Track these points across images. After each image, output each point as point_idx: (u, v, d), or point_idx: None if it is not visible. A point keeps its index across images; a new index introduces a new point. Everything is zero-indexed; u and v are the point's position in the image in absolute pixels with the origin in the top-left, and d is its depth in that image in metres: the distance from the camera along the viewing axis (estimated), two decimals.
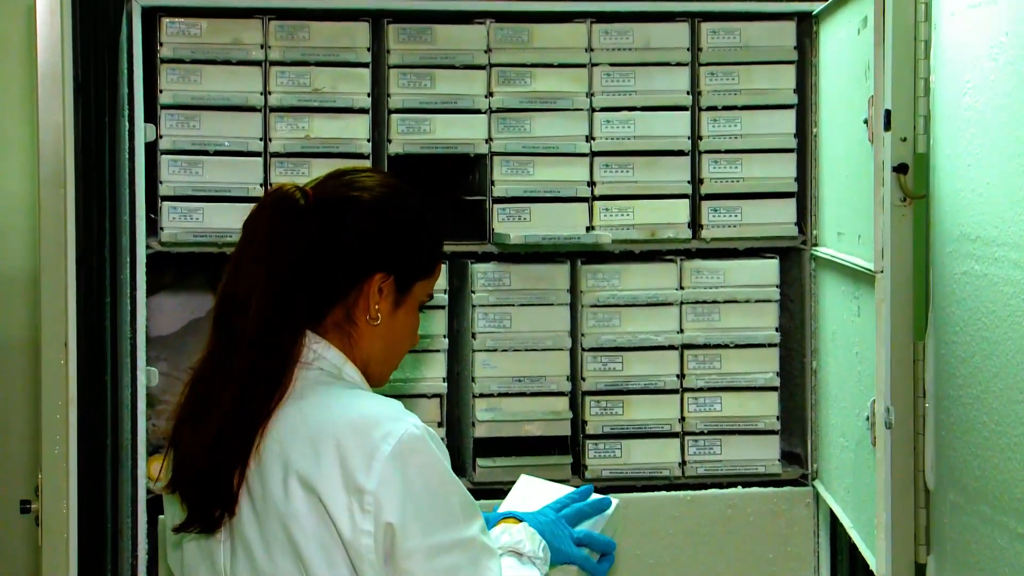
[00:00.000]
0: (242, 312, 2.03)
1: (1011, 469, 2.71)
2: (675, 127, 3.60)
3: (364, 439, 1.98)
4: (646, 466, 3.61)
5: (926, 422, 3.08)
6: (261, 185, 3.46)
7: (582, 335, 3.59)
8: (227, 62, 3.47)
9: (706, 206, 3.62)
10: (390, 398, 2.08)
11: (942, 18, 2.97)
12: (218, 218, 3.44)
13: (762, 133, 3.62)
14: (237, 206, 3.42)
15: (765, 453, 3.64)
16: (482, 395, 3.56)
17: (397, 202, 2.13)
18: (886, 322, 3.01)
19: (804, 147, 3.63)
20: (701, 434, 3.62)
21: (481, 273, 3.56)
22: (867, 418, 3.09)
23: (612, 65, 3.58)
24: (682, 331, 3.62)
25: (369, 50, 3.52)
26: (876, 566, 3.07)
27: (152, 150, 3.40)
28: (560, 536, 2.31)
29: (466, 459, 3.60)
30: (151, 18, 3.41)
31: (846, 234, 3.33)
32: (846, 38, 3.28)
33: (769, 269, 3.65)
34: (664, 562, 3.60)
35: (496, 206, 3.56)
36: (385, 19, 3.53)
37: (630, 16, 3.58)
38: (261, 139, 3.47)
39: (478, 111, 3.55)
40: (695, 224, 3.62)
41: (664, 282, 3.61)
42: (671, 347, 3.61)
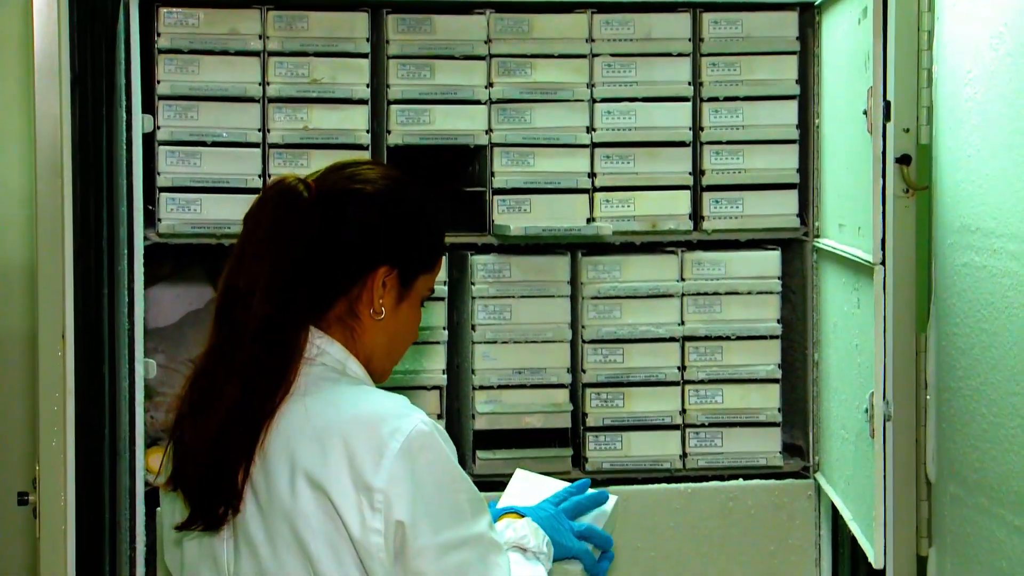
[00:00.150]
0: (245, 307, 2.02)
1: (1009, 461, 2.71)
2: (676, 118, 3.59)
3: (372, 436, 1.97)
4: (647, 458, 3.60)
5: (928, 414, 3.08)
6: (260, 176, 3.45)
7: (582, 327, 3.59)
8: (225, 52, 3.46)
9: (707, 197, 3.61)
10: (395, 393, 2.07)
11: (944, 8, 2.97)
12: (216, 209, 3.42)
13: (764, 124, 3.60)
14: (235, 197, 3.42)
15: (766, 445, 3.63)
16: (482, 387, 3.56)
17: (400, 195, 2.12)
18: (884, 314, 3.00)
19: (806, 138, 3.62)
20: (702, 426, 3.61)
21: (481, 265, 3.55)
22: (866, 410, 3.09)
23: (613, 56, 3.57)
24: (683, 323, 3.61)
25: (368, 40, 3.51)
26: (874, 558, 3.06)
27: (150, 141, 3.38)
28: (560, 530, 2.30)
29: (466, 451, 3.60)
30: (148, 8, 3.39)
31: (847, 226, 3.32)
32: (847, 28, 3.27)
33: (771, 261, 3.64)
34: (665, 555, 3.59)
35: (496, 197, 3.54)
36: (384, 9, 3.52)
37: (631, 6, 3.56)
38: (259, 130, 3.46)
39: (478, 102, 3.54)
40: (696, 215, 3.61)
41: (665, 274, 3.60)
42: (672, 339, 3.61)
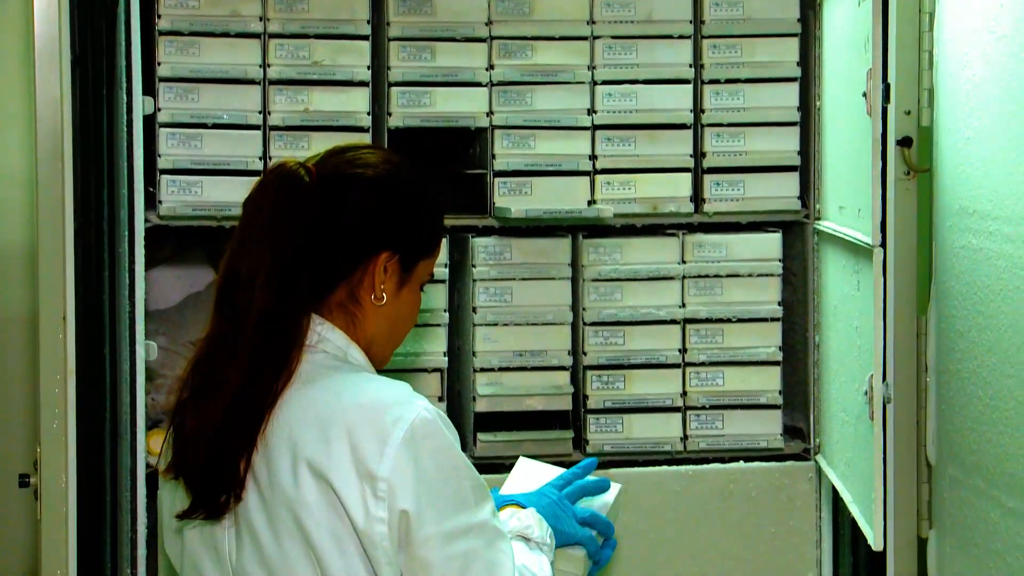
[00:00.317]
0: (246, 294, 2.01)
1: (1003, 443, 2.71)
2: (677, 100, 3.58)
3: (375, 425, 1.97)
4: (648, 441, 3.60)
5: (928, 396, 3.08)
6: (260, 158, 3.44)
7: (583, 309, 3.58)
8: (226, 34, 3.44)
9: (708, 180, 3.60)
10: (398, 380, 2.06)
11: None
12: (217, 191, 3.42)
13: (765, 106, 3.60)
14: (236, 179, 3.41)
15: (767, 428, 3.63)
16: (483, 369, 3.55)
17: (401, 179, 2.12)
18: (882, 297, 3.00)
19: (807, 120, 3.61)
20: (703, 408, 3.61)
21: (482, 247, 3.55)
22: (865, 393, 3.08)
23: (614, 37, 3.56)
24: (684, 305, 3.61)
25: (369, 22, 3.50)
26: (874, 541, 3.06)
27: (150, 123, 3.37)
28: (563, 517, 2.30)
29: (467, 434, 3.59)
30: None
31: (847, 208, 3.32)
32: (848, 10, 3.26)
33: (772, 243, 3.63)
34: (665, 537, 3.59)
35: (497, 180, 3.54)
36: None
37: None
38: (260, 112, 3.45)
39: (479, 84, 3.53)
40: (697, 198, 3.61)
41: (666, 256, 3.60)
42: (673, 321, 3.60)
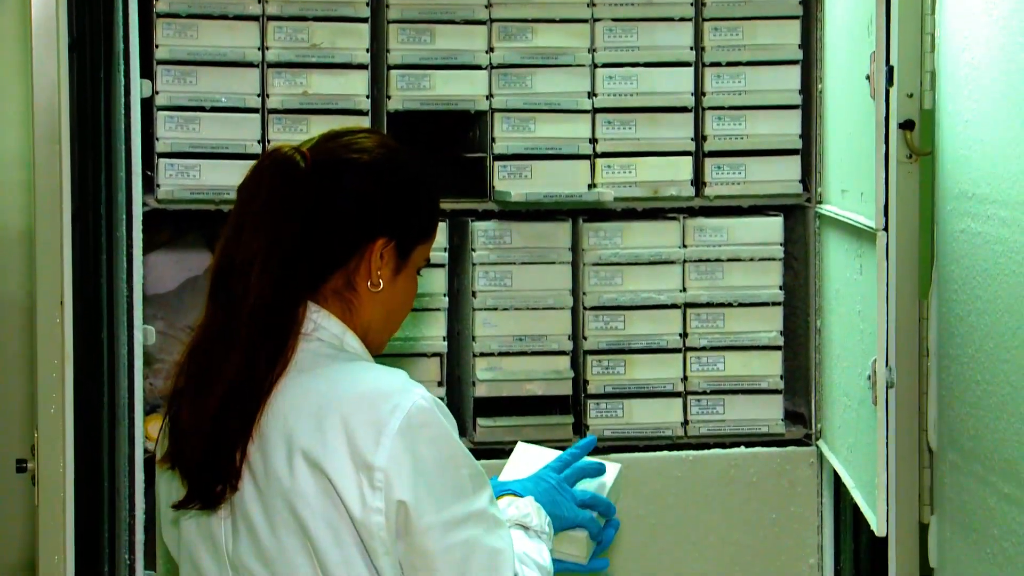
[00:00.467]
0: (242, 281, 1.99)
1: (1000, 429, 2.71)
2: (678, 83, 3.57)
3: (371, 413, 1.95)
4: (648, 426, 3.60)
5: (929, 381, 3.07)
6: (259, 142, 3.44)
7: (584, 294, 3.58)
8: (224, 17, 3.43)
9: (709, 163, 3.60)
10: (395, 368, 2.04)
11: None
12: (215, 175, 3.41)
13: (766, 89, 3.59)
14: (234, 163, 3.40)
15: (768, 413, 3.62)
16: (482, 354, 3.54)
17: (397, 164, 2.10)
18: (885, 281, 2.99)
19: (809, 103, 3.60)
20: (704, 393, 3.61)
21: (481, 231, 3.54)
22: (868, 377, 3.07)
23: (614, 20, 3.55)
24: (685, 290, 3.60)
25: (368, 5, 3.48)
26: (877, 527, 3.05)
27: (148, 106, 3.36)
28: (562, 502, 2.28)
29: (466, 419, 3.58)
30: None
31: (849, 191, 3.30)
32: None
33: (773, 227, 3.63)
34: (666, 523, 3.59)
35: (497, 163, 3.53)
36: None
37: None
38: (259, 95, 3.44)
39: (478, 67, 3.52)
40: (698, 181, 3.60)
41: (667, 240, 3.59)
42: (674, 306, 3.59)
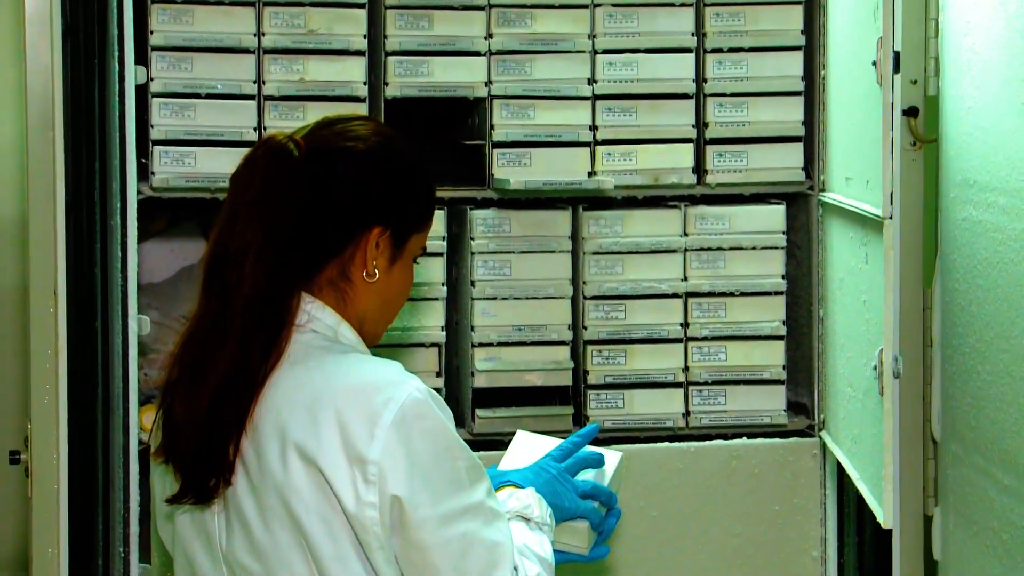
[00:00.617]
0: (236, 271, 1.97)
1: (1000, 419, 2.70)
2: (679, 69, 3.56)
3: (365, 406, 1.93)
4: (649, 417, 3.58)
5: (933, 371, 3.06)
6: (255, 129, 3.43)
7: (584, 283, 3.56)
8: (219, 2, 3.42)
9: (711, 151, 3.58)
10: (390, 359, 2.02)
11: None
12: (211, 163, 3.39)
13: (769, 75, 3.58)
14: (230, 150, 3.38)
15: (771, 403, 3.61)
16: (481, 344, 3.53)
17: (392, 152, 2.07)
18: (894, 270, 2.97)
19: (812, 90, 3.59)
20: (705, 384, 3.59)
21: (480, 219, 3.52)
22: (875, 367, 3.05)
23: (615, 6, 3.54)
24: (686, 279, 3.59)
25: None
26: (883, 519, 3.04)
27: (143, 93, 3.35)
28: (563, 493, 2.27)
29: (465, 410, 3.57)
30: None
31: (854, 179, 3.29)
32: None
33: (775, 215, 3.61)
34: (667, 515, 3.58)
35: (496, 151, 3.52)
36: None
37: None
38: (255, 82, 3.44)
39: (477, 53, 3.50)
40: (699, 169, 3.59)
41: (668, 228, 3.58)
42: (675, 295, 3.58)
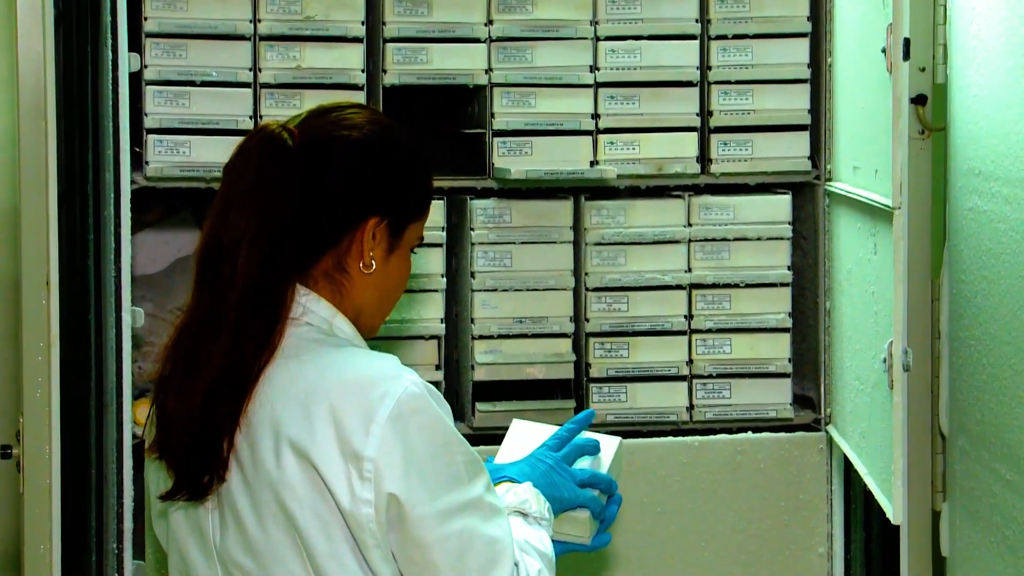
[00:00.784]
0: (230, 263, 1.96)
1: (1004, 413, 2.69)
2: (683, 57, 3.54)
3: (360, 401, 1.91)
4: (652, 410, 3.57)
5: (941, 364, 3.05)
6: (251, 117, 3.41)
7: (586, 274, 3.55)
8: None
9: (715, 139, 3.57)
10: (386, 353, 2.00)
11: None
12: (206, 151, 3.37)
13: (774, 63, 3.56)
14: (226, 139, 3.36)
15: (776, 397, 3.59)
16: (482, 337, 3.51)
17: (388, 141, 2.05)
18: (904, 261, 2.95)
19: (818, 77, 3.57)
20: (710, 377, 3.58)
21: (480, 209, 3.50)
22: (884, 360, 3.04)
23: None
24: (690, 270, 3.57)
25: None
26: (892, 514, 3.02)
27: (136, 80, 3.33)
28: (561, 484, 2.25)
29: (465, 403, 3.56)
30: None
31: (862, 168, 3.27)
32: None
33: (781, 205, 3.59)
34: (671, 510, 3.56)
35: (496, 139, 3.50)
36: None
37: None
38: (250, 69, 3.42)
39: (477, 40, 3.49)
40: (704, 158, 3.58)
41: (671, 219, 3.56)
42: (679, 287, 3.57)
